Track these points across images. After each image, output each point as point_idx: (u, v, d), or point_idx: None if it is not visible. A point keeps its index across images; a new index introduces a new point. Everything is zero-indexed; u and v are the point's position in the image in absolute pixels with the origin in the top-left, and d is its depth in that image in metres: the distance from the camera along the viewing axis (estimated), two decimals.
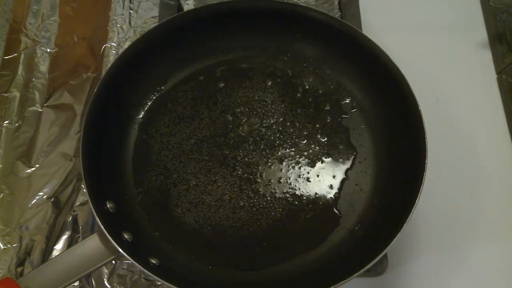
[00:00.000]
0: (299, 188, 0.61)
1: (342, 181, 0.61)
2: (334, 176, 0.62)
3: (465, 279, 0.61)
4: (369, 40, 0.61)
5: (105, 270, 0.60)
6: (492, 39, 0.76)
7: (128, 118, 0.64)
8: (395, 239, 0.50)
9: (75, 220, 0.62)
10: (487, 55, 0.75)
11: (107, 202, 0.55)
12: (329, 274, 0.53)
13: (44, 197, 0.64)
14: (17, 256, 0.60)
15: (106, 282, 0.59)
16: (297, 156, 0.63)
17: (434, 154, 0.55)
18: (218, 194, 0.60)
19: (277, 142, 0.63)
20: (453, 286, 0.61)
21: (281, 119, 0.65)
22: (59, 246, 0.61)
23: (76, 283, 0.59)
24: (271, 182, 0.61)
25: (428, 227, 0.63)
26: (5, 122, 0.68)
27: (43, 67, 0.72)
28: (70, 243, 0.61)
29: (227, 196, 0.60)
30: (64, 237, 0.62)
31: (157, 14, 0.75)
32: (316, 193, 0.61)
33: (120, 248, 0.49)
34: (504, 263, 0.62)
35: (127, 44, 0.73)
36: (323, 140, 0.64)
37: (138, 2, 0.77)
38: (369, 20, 0.73)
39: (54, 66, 0.72)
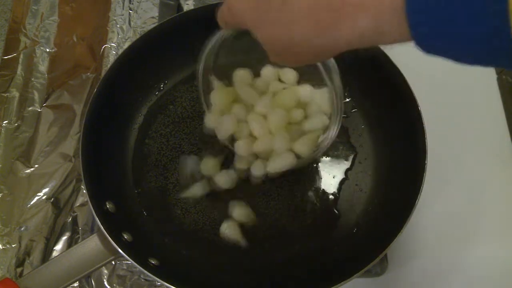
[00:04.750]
0: (299, 189, 0.61)
1: (342, 182, 0.61)
2: (334, 177, 0.61)
3: (464, 280, 0.61)
4: None
5: (105, 271, 0.60)
6: None
7: (128, 119, 0.64)
8: (395, 240, 0.50)
9: (74, 221, 0.62)
10: None
11: (107, 203, 0.55)
12: (329, 274, 0.53)
13: (44, 197, 0.64)
14: (17, 257, 0.60)
15: (105, 283, 0.59)
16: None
17: (434, 155, 0.55)
18: (218, 195, 0.60)
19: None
20: (453, 287, 0.61)
21: None
22: (58, 247, 0.61)
23: (76, 284, 0.59)
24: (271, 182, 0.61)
25: (428, 228, 0.63)
26: (4, 122, 0.68)
27: (42, 67, 0.72)
28: (69, 243, 0.61)
29: (227, 196, 0.60)
30: (64, 237, 0.62)
31: (157, 14, 0.75)
32: (316, 194, 0.60)
33: (120, 248, 0.49)
34: (504, 263, 0.62)
35: (127, 45, 0.72)
36: None
37: (138, 2, 0.77)
38: None
39: (54, 66, 0.72)
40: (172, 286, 0.49)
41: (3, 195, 0.63)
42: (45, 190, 0.64)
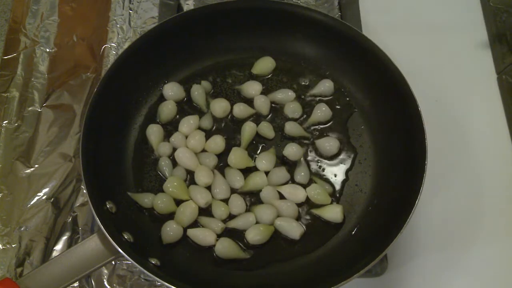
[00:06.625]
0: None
1: (342, 182, 0.61)
2: (333, 177, 0.61)
3: (464, 279, 0.61)
4: (369, 40, 0.61)
5: (105, 271, 0.60)
6: (492, 39, 0.76)
7: (128, 118, 0.64)
8: (395, 240, 0.50)
9: (74, 221, 0.62)
10: (487, 55, 0.75)
11: (107, 203, 0.55)
12: (330, 275, 0.53)
13: (44, 197, 0.64)
14: (17, 257, 0.60)
15: (106, 283, 0.59)
16: None
17: (434, 155, 0.55)
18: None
19: (277, 142, 0.63)
20: (453, 286, 0.61)
21: (280, 119, 0.65)
22: (58, 247, 0.61)
23: (76, 284, 0.59)
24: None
25: (427, 228, 0.63)
26: (4, 122, 0.68)
27: (43, 67, 0.72)
28: (69, 243, 0.61)
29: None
30: (64, 237, 0.62)
31: (157, 14, 0.75)
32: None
33: (120, 248, 0.49)
34: (504, 263, 0.62)
35: (127, 45, 0.73)
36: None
37: (138, 2, 0.77)
38: (369, 20, 0.73)
39: (54, 66, 0.72)
40: (172, 286, 0.49)
41: (3, 195, 0.63)
42: (45, 190, 0.64)
